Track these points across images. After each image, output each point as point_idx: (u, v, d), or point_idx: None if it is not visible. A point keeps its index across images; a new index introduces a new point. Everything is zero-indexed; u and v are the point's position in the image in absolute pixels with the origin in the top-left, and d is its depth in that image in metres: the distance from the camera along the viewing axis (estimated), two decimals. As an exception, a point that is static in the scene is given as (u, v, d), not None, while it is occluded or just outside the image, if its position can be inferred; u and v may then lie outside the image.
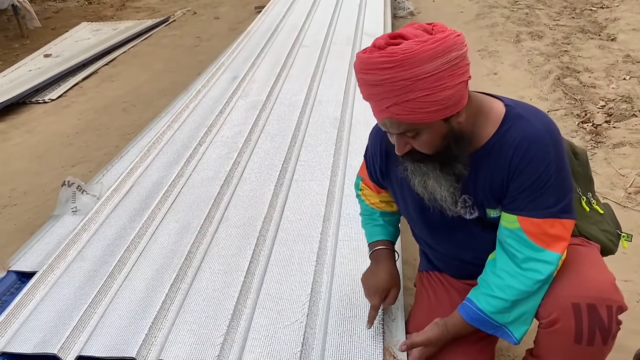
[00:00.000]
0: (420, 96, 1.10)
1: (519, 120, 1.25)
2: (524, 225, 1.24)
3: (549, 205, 1.23)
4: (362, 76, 1.15)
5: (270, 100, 3.27)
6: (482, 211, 1.34)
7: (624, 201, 2.63)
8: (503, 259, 1.28)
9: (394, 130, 1.19)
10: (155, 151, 2.80)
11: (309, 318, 1.70)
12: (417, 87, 1.09)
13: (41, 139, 4.09)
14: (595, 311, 1.19)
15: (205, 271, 1.94)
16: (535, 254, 1.23)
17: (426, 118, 1.14)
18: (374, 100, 1.16)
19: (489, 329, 1.31)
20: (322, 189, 2.34)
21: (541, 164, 1.21)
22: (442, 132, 1.18)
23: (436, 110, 1.13)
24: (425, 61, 1.08)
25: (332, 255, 1.97)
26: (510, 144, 1.23)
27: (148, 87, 4.90)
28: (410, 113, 1.12)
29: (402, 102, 1.11)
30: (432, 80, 1.09)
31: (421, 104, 1.11)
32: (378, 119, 1.20)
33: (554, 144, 1.23)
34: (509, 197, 1.27)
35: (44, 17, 8.02)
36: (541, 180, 1.22)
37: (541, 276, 1.23)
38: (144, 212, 2.30)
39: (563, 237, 1.23)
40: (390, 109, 1.13)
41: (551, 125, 1.26)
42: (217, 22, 6.85)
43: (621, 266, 2.22)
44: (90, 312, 1.82)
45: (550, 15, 5.38)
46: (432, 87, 1.10)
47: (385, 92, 1.11)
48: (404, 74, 1.08)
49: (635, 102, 3.55)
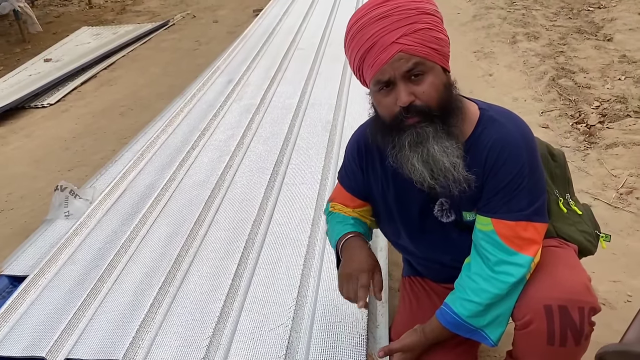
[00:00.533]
0: (425, 28, 1.17)
1: (492, 123, 1.27)
2: (498, 228, 1.25)
3: (522, 207, 1.24)
4: (371, 13, 1.19)
5: (264, 103, 3.28)
6: (458, 214, 1.35)
7: (615, 202, 2.63)
8: (477, 262, 1.29)
9: (403, 65, 1.16)
10: (149, 155, 2.82)
11: (294, 322, 1.72)
12: (422, 20, 1.18)
13: (39, 144, 4.13)
14: (566, 312, 1.19)
15: (194, 274, 1.96)
16: (508, 257, 1.24)
17: (431, 54, 1.18)
18: (383, 35, 1.16)
19: (465, 333, 1.32)
20: (312, 192, 2.36)
21: (514, 165, 1.23)
22: (442, 80, 1.21)
23: (438, 49, 1.19)
24: (424, 0, 1.21)
25: (320, 260, 1.99)
26: (484, 146, 1.25)
27: (146, 91, 4.93)
28: (418, 45, 1.16)
29: (411, 32, 1.16)
30: (432, 18, 1.20)
31: (426, 37, 1.17)
32: (387, 57, 1.16)
33: (526, 147, 1.24)
34: (484, 199, 1.28)
35: (45, 22, 8.07)
36: (514, 182, 1.23)
37: (513, 279, 1.24)
38: (135, 216, 2.33)
39: (535, 241, 1.25)
40: (400, 39, 1.16)
41: (524, 128, 1.28)
42: (216, 26, 6.87)
43: (610, 267, 2.23)
44: (79, 316, 1.84)
45: (547, 16, 5.38)
46: (433, 24, 1.19)
47: (394, 22, 1.16)
48: (410, 4, 1.18)
49: (629, 103, 3.55)
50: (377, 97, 1.24)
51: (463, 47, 4.79)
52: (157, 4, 8.55)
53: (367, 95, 1.33)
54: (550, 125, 3.46)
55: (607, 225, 2.46)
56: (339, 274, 1.44)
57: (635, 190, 2.68)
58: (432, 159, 1.20)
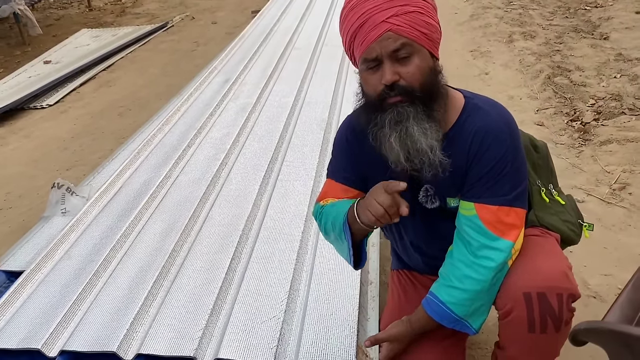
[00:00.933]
0: (415, 11, 1.20)
1: (477, 111, 1.30)
2: (481, 213, 1.28)
3: (505, 192, 1.26)
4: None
5: (260, 102, 3.31)
6: (442, 201, 1.37)
7: (609, 197, 2.65)
8: (459, 249, 1.31)
9: (391, 45, 1.19)
10: (145, 153, 2.84)
11: (286, 314, 1.74)
12: (413, 2, 1.20)
13: (38, 144, 4.16)
14: (545, 299, 1.21)
15: (188, 268, 1.98)
16: (490, 242, 1.26)
17: (419, 37, 1.20)
18: (374, 14, 1.19)
19: (449, 323, 1.33)
20: (305, 189, 2.38)
21: (498, 151, 1.26)
22: (429, 64, 1.23)
23: (427, 34, 1.21)
24: None
25: (312, 254, 2.01)
26: (468, 133, 1.28)
27: (145, 92, 4.96)
28: (407, 26, 1.19)
29: (401, 13, 1.18)
30: (424, 4, 1.22)
31: (417, 20, 1.20)
32: (375, 35, 1.19)
33: (510, 134, 1.27)
34: (467, 184, 1.30)
35: (46, 25, 8.11)
36: (498, 167, 1.26)
37: (493, 263, 1.25)
38: (131, 212, 2.35)
39: (516, 226, 1.27)
40: (390, 19, 1.18)
41: (508, 116, 1.31)
42: (214, 27, 6.91)
43: (602, 261, 2.25)
44: (75, 309, 1.86)
45: (543, 15, 5.41)
46: (424, 8, 1.21)
47: (386, 1, 1.19)
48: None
49: (624, 100, 3.57)
50: (364, 76, 1.26)
51: (460, 46, 4.81)
52: (157, 6, 8.59)
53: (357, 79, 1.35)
54: (545, 123, 3.48)
55: (600, 221, 2.48)
56: (362, 205, 1.30)
57: (628, 186, 2.70)
58: (410, 139, 1.21)
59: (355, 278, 1.85)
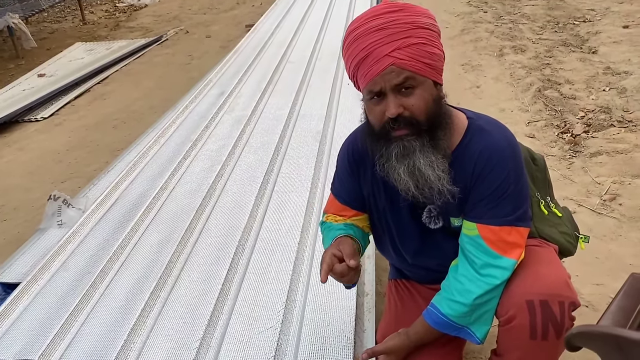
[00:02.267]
0: (419, 43, 1.20)
1: (480, 132, 1.32)
2: (483, 233, 1.30)
3: (507, 213, 1.29)
4: (368, 24, 1.22)
5: (255, 114, 3.34)
6: (446, 221, 1.40)
7: (599, 208, 2.69)
8: (464, 265, 1.34)
9: (394, 79, 1.20)
10: (141, 165, 2.86)
11: (283, 325, 1.75)
12: (416, 34, 1.20)
13: (33, 156, 4.16)
14: (547, 307, 1.24)
15: (185, 280, 1.99)
16: (493, 261, 1.29)
17: (423, 69, 1.21)
18: (377, 47, 1.20)
19: (452, 331, 1.36)
20: (301, 200, 2.40)
21: (501, 173, 1.28)
22: (432, 94, 1.24)
23: (430, 64, 1.22)
24: (421, 14, 1.24)
25: (309, 265, 2.03)
26: (472, 154, 1.30)
27: (139, 104, 4.98)
28: (410, 59, 1.19)
29: (404, 46, 1.19)
30: (427, 33, 1.22)
31: (420, 51, 1.20)
32: (379, 70, 1.20)
33: (513, 156, 1.30)
34: (470, 205, 1.33)
35: (40, 38, 8.14)
36: (501, 189, 1.28)
37: (497, 281, 1.29)
38: (127, 224, 2.36)
39: (519, 244, 1.30)
40: (393, 53, 1.19)
41: (511, 137, 1.34)
42: (208, 41, 6.96)
43: (594, 270, 2.28)
44: (72, 321, 1.87)
45: (533, 30, 5.49)
46: (427, 38, 1.21)
47: (389, 35, 1.19)
48: (406, 18, 1.21)
49: (613, 113, 3.63)
50: (369, 105, 1.28)
51: (451, 60, 4.87)
52: (151, 20, 8.64)
53: (357, 106, 1.37)
54: (536, 135, 3.52)
55: (591, 231, 2.52)
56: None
57: (618, 197, 2.74)
58: (418, 171, 1.23)
59: (352, 289, 1.87)
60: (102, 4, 10.52)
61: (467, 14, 6.11)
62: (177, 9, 9.09)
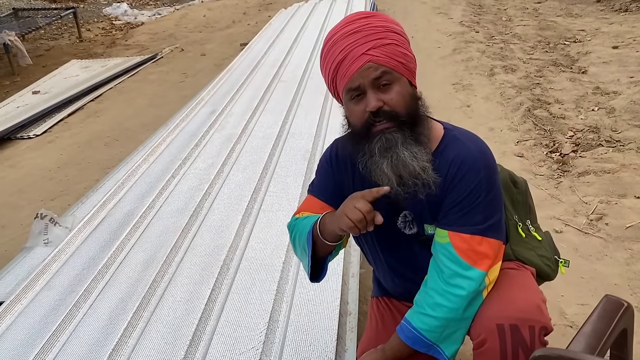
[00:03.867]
0: (392, 43, 1.28)
1: (455, 142, 1.35)
2: (454, 241, 1.31)
3: (477, 221, 1.30)
4: (343, 29, 1.30)
5: (245, 133, 3.36)
6: (420, 227, 1.41)
7: (586, 228, 2.70)
8: (433, 277, 1.35)
9: (372, 74, 1.26)
10: (130, 184, 2.86)
11: (265, 345, 1.74)
12: (389, 36, 1.28)
13: (23, 174, 4.16)
14: (517, 331, 1.24)
15: (168, 299, 1.98)
16: (462, 271, 1.29)
17: (398, 67, 1.28)
18: (354, 47, 1.27)
19: (422, 348, 1.35)
20: (288, 219, 2.38)
21: (472, 181, 1.30)
22: (409, 90, 1.31)
23: (404, 63, 1.29)
24: (391, 22, 1.33)
25: (293, 285, 2.02)
26: (445, 161, 1.32)
27: (131, 122, 5.00)
28: (385, 57, 1.26)
29: (379, 45, 1.27)
30: (399, 37, 1.31)
31: (394, 51, 1.28)
32: (357, 67, 1.26)
33: (485, 165, 1.32)
34: (442, 212, 1.34)
35: (36, 55, 8.18)
36: (472, 196, 1.30)
37: (464, 292, 1.29)
38: (113, 242, 2.36)
39: (489, 256, 1.30)
40: (370, 51, 1.26)
41: (485, 148, 1.36)
42: (203, 59, 7.00)
43: (579, 290, 2.28)
44: (53, 341, 1.86)
45: (524, 50, 5.55)
46: (399, 41, 1.30)
47: (365, 36, 1.27)
48: (379, 22, 1.30)
49: (602, 132, 3.66)
50: (349, 106, 1.32)
51: (442, 79, 4.92)
52: (147, 37, 8.70)
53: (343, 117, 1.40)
54: (525, 154, 3.54)
55: (577, 250, 2.53)
56: (339, 212, 1.32)
57: (604, 217, 2.75)
58: (402, 164, 1.25)
59: (334, 309, 1.87)
60: (99, 22, 10.59)
61: (459, 34, 6.18)
62: (173, 27, 9.16)
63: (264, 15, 8.68)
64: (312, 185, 1.59)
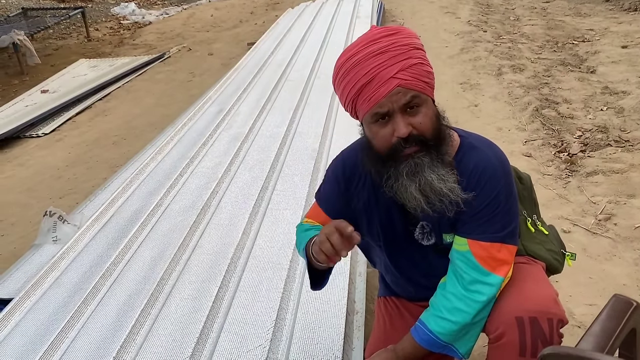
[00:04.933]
0: (418, 63, 1.24)
1: (472, 150, 1.34)
2: (473, 249, 1.31)
3: (497, 230, 1.30)
4: (367, 49, 1.23)
5: (253, 132, 3.36)
6: (438, 237, 1.41)
7: (594, 228, 2.68)
8: (452, 282, 1.35)
9: (402, 99, 1.22)
10: (138, 182, 2.88)
11: (272, 343, 1.75)
12: (414, 55, 1.24)
13: (32, 172, 4.19)
14: (537, 324, 1.24)
15: (176, 297, 1.99)
16: (481, 277, 1.30)
17: (425, 87, 1.25)
18: (382, 70, 1.21)
19: (437, 349, 1.36)
20: (295, 217, 2.41)
21: (492, 190, 1.29)
22: (434, 111, 1.29)
23: (429, 82, 1.26)
24: (414, 36, 1.28)
25: (300, 283, 2.03)
26: (464, 171, 1.31)
27: (139, 121, 5.02)
28: (414, 79, 1.22)
29: (407, 67, 1.22)
30: (422, 53, 1.27)
31: (420, 71, 1.24)
32: (386, 91, 1.21)
33: (503, 173, 1.32)
34: (461, 221, 1.34)
35: (44, 54, 8.23)
36: (491, 206, 1.30)
37: (483, 297, 1.30)
38: (121, 240, 2.37)
39: (507, 262, 1.31)
40: (399, 74, 1.21)
41: (501, 155, 1.36)
42: (210, 58, 7.02)
43: (587, 291, 2.27)
44: (62, 337, 1.87)
45: (532, 49, 5.53)
46: (423, 58, 1.26)
47: (392, 57, 1.22)
48: (404, 40, 1.25)
49: (610, 132, 3.64)
50: (374, 129, 1.27)
51: (450, 78, 4.91)
52: (154, 37, 8.73)
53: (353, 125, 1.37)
54: (533, 154, 3.53)
55: (585, 251, 2.51)
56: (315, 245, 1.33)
57: (613, 217, 2.74)
58: (430, 187, 1.25)
59: (342, 307, 1.87)
60: (107, 21, 10.65)
61: (467, 33, 6.16)
62: (181, 26, 9.19)
63: (271, 15, 8.69)
64: (319, 192, 1.58)
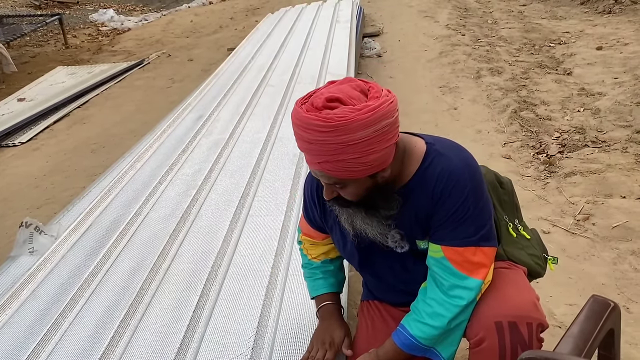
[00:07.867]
0: (350, 158, 1.17)
1: (438, 157, 1.33)
2: (448, 254, 1.31)
3: (470, 234, 1.30)
4: (298, 131, 1.22)
5: (233, 138, 3.34)
6: (412, 243, 1.41)
7: (573, 228, 2.72)
8: (432, 287, 1.35)
9: (324, 180, 1.27)
10: (116, 191, 2.84)
11: (253, 352, 1.73)
12: (347, 151, 1.16)
13: (8, 182, 4.12)
14: (516, 328, 1.25)
15: (155, 307, 1.96)
16: (459, 281, 1.30)
17: (354, 176, 1.22)
18: (309, 153, 1.22)
19: (419, 352, 1.36)
20: (276, 223, 2.39)
21: (459, 196, 1.29)
22: (367, 185, 1.27)
23: (364, 170, 1.21)
24: (358, 129, 1.14)
25: (281, 290, 2.01)
26: (430, 179, 1.31)
27: (118, 129, 4.97)
28: (339, 171, 1.20)
29: (333, 161, 1.18)
30: (362, 145, 1.16)
31: (350, 164, 1.18)
32: (312, 168, 1.26)
33: (470, 177, 1.31)
34: (433, 228, 1.34)
35: (21, 62, 8.12)
36: (460, 211, 1.29)
37: (464, 302, 1.30)
38: (100, 250, 2.33)
39: (484, 264, 1.31)
40: (322, 164, 1.19)
41: (469, 159, 1.35)
42: (190, 64, 6.99)
43: (567, 291, 2.29)
44: (39, 351, 1.83)
45: (510, 52, 5.59)
46: (361, 152, 1.17)
47: (318, 150, 1.18)
48: (337, 139, 1.14)
49: (587, 133, 3.69)
50: None
51: (429, 82, 4.94)
52: (133, 43, 8.66)
53: None
54: (512, 156, 3.56)
55: (564, 251, 2.54)
56: (315, 332, 1.63)
57: (591, 217, 2.77)
58: (359, 227, 1.35)
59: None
60: (85, 28, 10.55)
61: (446, 37, 6.21)
62: (160, 32, 9.14)
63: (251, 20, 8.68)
64: (304, 202, 1.63)
